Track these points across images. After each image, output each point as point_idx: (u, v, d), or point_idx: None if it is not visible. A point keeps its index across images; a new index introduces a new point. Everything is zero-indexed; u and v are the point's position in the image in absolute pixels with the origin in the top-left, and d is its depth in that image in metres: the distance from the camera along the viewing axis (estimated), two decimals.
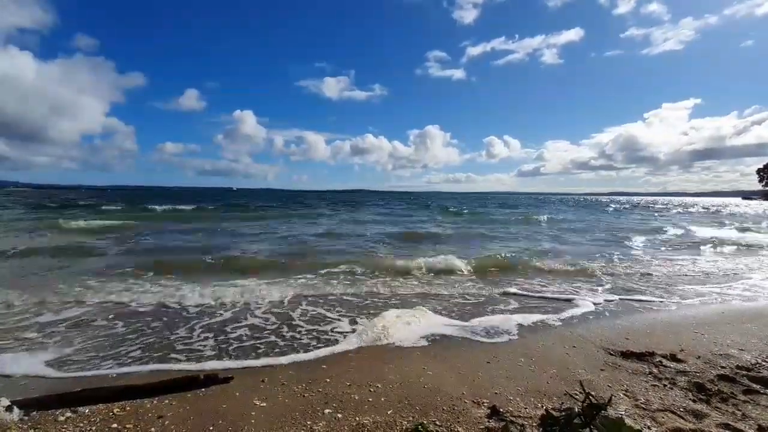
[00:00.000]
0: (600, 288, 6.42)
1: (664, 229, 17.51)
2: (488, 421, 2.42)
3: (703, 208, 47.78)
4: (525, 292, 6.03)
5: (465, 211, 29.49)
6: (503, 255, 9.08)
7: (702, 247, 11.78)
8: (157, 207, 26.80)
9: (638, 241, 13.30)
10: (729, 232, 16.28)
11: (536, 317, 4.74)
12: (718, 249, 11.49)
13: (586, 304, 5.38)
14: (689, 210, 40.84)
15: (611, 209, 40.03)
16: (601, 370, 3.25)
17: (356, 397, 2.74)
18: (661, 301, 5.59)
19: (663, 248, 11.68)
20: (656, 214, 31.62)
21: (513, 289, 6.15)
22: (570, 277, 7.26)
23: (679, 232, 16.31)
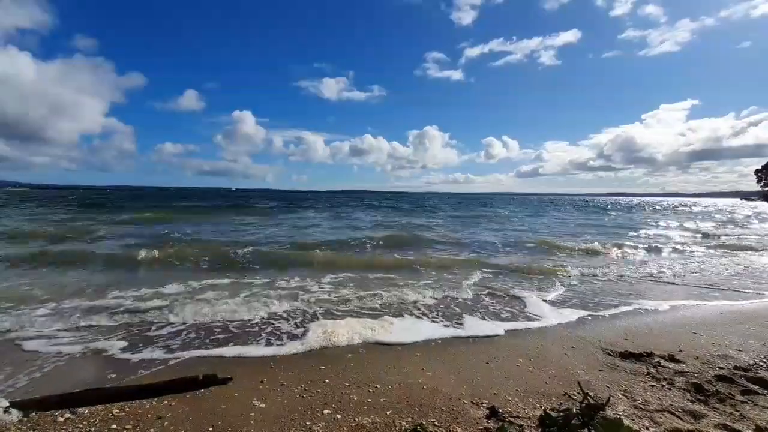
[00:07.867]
0: None
1: None
2: (487, 422, 2.42)
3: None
4: None
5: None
6: None
7: None
8: None
9: None
10: None
11: None
12: None
13: None
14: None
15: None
16: (600, 370, 3.25)
17: (355, 398, 2.74)
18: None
19: None
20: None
21: None
22: None
23: None
